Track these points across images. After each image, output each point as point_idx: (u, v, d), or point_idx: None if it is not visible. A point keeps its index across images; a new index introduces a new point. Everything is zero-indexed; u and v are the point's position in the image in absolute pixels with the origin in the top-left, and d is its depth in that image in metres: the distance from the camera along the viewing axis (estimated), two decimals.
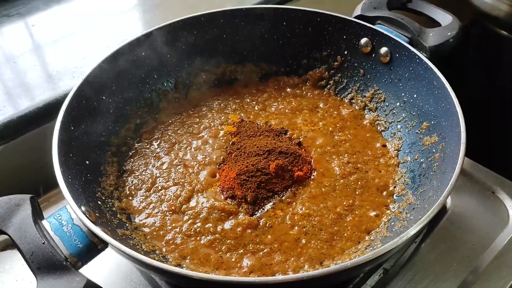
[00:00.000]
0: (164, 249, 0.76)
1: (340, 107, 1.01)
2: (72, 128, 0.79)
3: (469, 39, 1.51)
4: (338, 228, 0.78)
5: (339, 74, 1.03)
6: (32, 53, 1.13)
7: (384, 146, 0.93)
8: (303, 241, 0.76)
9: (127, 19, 1.26)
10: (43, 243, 0.62)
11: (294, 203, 0.81)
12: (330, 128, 0.96)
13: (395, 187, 0.84)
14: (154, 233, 0.78)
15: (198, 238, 0.76)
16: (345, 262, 0.59)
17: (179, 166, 0.88)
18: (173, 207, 0.81)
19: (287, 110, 1.00)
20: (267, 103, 1.02)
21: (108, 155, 0.87)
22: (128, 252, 0.60)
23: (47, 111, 0.96)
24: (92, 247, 0.65)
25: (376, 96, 0.98)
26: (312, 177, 0.86)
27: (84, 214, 0.64)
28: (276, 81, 1.07)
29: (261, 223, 0.78)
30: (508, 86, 1.42)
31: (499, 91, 1.44)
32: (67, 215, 0.66)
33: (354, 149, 0.91)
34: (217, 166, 0.88)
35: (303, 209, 0.80)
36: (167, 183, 0.85)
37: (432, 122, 0.85)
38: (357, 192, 0.83)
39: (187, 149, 0.92)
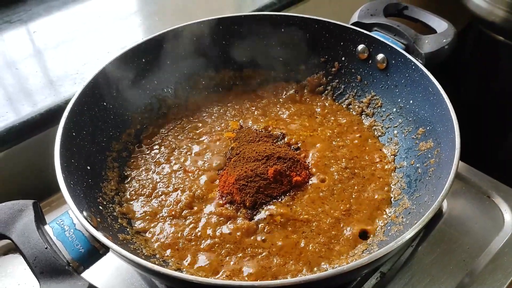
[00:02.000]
0: (164, 254, 0.77)
1: (338, 112, 1.03)
2: (73, 134, 0.80)
3: (465, 44, 1.53)
4: (336, 232, 0.79)
5: (337, 80, 1.05)
6: (34, 59, 1.14)
7: (381, 151, 0.94)
8: (302, 244, 0.77)
9: (128, 25, 1.27)
10: (46, 248, 0.63)
11: (292, 208, 0.82)
12: (328, 134, 0.97)
13: (391, 192, 0.86)
14: (155, 237, 0.79)
15: (198, 243, 0.78)
16: (342, 266, 0.60)
17: (179, 172, 0.90)
18: (173, 212, 0.82)
19: (285, 116, 1.02)
20: (266, 108, 1.04)
21: (109, 160, 0.88)
22: (129, 256, 0.61)
23: (49, 117, 0.97)
24: (93, 252, 0.66)
25: (373, 101, 1.00)
26: (310, 182, 0.87)
27: (86, 219, 0.66)
28: (275, 87, 1.08)
29: (259, 228, 0.79)
30: (503, 90, 1.44)
31: (495, 95, 1.46)
32: (69, 220, 0.68)
33: (352, 154, 0.93)
34: (217, 172, 0.89)
35: (302, 213, 0.81)
36: (168, 189, 0.86)
37: (428, 128, 0.86)
38: (354, 197, 0.85)
39: (187, 154, 0.93)
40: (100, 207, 0.78)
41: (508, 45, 1.39)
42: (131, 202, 0.85)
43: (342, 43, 1.01)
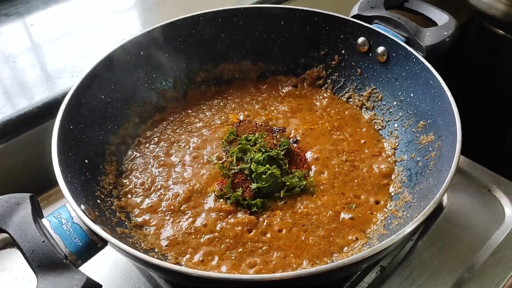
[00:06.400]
0: (163, 248, 0.76)
1: (338, 106, 1.02)
2: (71, 127, 0.80)
3: (466, 38, 1.52)
4: (336, 226, 0.78)
5: (337, 73, 1.04)
6: (31, 52, 1.13)
7: (381, 144, 0.93)
8: (302, 238, 0.76)
9: (126, 18, 1.26)
10: (43, 242, 0.63)
11: (293, 201, 0.82)
12: (328, 127, 0.96)
13: (392, 185, 0.85)
14: (154, 231, 0.78)
15: (197, 237, 0.77)
16: (343, 259, 0.60)
17: (178, 166, 0.89)
18: (172, 207, 0.81)
19: (285, 109, 1.01)
20: (266, 102, 1.03)
21: (107, 154, 0.88)
22: (127, 250, 0.61)
23: (46, 110, 0.96)
24: (91, 245, 0.66)
25: (373, 95, 0.99)
26: (311, 175, 0.87)
27: (84, 212, 0.65)
28: (274, 80, 1.07)
29: (260, 222, 0.79)
30: (504, 85, 1.43)
31: (496, 89, 1.45)
32: (66, 213, 0.67)
33: (352, 148, 0.92)
34: (216, 166, 0.88)
35: (301, 207, 0.81)
36: (166, 183, 0.86)
37: (429, 121, 0.86)
38: (354, 190, 0.84)
39: (186, 148, 0.92)
40: (98, 201, 0.78)
41: (509, 39, 1.38)
42: (130, 196, 0.84)
43: (342, 36, 1.01)
